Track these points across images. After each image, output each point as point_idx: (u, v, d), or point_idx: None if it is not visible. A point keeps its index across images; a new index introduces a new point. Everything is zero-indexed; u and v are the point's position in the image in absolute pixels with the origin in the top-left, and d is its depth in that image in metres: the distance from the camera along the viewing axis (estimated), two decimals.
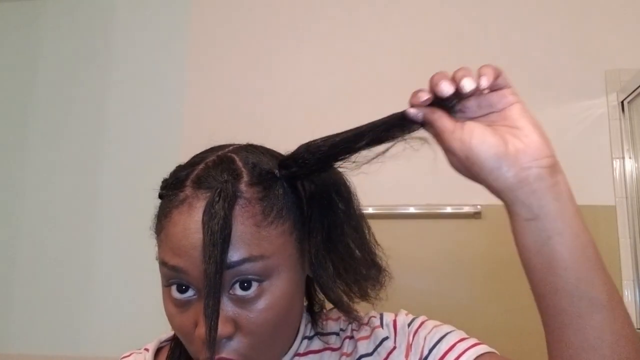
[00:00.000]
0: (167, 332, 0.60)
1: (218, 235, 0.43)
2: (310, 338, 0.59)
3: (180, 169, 0.52)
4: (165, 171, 0.53)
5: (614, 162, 1.64)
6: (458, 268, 1.63)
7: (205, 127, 1.82)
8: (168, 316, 0.49)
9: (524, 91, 1.76)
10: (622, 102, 1.65)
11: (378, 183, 1.67)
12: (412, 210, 1.66)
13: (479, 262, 1.63)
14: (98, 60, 1.98)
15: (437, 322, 0.57)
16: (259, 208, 0.47)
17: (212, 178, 0.47)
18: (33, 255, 1.88)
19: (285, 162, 0.50)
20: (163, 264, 0.48)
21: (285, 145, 0.55)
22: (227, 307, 0.46)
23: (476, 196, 1.66)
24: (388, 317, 0.60)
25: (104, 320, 1.80)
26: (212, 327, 0.43)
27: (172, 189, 0.49)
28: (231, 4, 1.94)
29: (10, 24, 2.06)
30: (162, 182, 0.52)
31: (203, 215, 0.45)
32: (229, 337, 0.46)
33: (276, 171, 0.50)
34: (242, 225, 0.46)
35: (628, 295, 1.56)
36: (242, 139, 0.56)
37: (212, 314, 0.44)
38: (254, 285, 0.46)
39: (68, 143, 1.93)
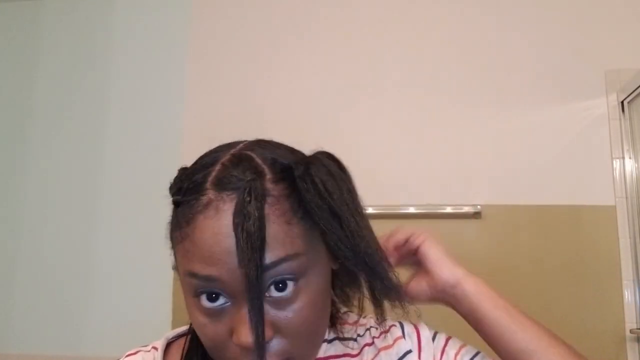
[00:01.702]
0: (168, 331, 0.60)
1: (256, 237, 0.41)
2: (329, 342, 0.57)
3: (192, 171, 0.48)
4: (165, 171, 0.51)
5: (614, 162, 1.64)
6: None
7: (205, 127, 1.82)
8: (197, 326, 0.46)
9: (524, 91, 1.76)
10: (622, 102, 1.65)
11: (378, 183, 1.67)
12: (412, 210, 1.65)
13: (478, 262, 1.62)
14: (98, 60, 1.98)
15: (461, 341, 0.57)
16: (288, 205, 0.45)
17: (235, 178, 0.44)
18: (33, 255, 1.88)
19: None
20: (192, 275, 0.44)
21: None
22: (265, 311, 0.44)
23: (476, 196, 1.67)
24: (409, 328, 0.58)
25: (104, 320, 1.80)
26: (260, 333, 0.42)
27: (191, 193, 0.45)
28: (231, 3, 1.94)
29: (10, 24, 2.06)
30: (173, 188, 0.49)
31: (234, 217, 0.42)
32: (269, 341, 0.44)
33: (294, 167, 0.47)
34: (275, 225, 0.43)
35: (628, 295, 1.56)
36: (242, 139, 0.55)
37: (258, 320, 0.42)
38: (290, 284, 0.44)
39: (68, 143, 1.93)
